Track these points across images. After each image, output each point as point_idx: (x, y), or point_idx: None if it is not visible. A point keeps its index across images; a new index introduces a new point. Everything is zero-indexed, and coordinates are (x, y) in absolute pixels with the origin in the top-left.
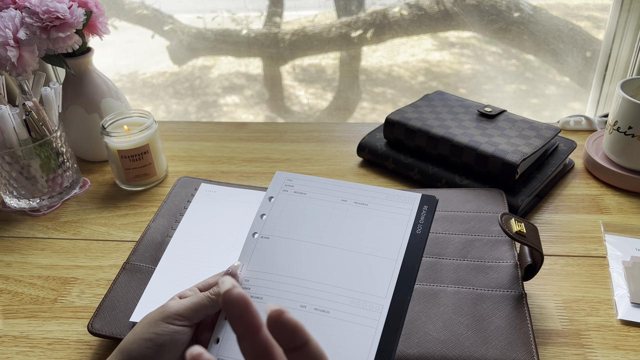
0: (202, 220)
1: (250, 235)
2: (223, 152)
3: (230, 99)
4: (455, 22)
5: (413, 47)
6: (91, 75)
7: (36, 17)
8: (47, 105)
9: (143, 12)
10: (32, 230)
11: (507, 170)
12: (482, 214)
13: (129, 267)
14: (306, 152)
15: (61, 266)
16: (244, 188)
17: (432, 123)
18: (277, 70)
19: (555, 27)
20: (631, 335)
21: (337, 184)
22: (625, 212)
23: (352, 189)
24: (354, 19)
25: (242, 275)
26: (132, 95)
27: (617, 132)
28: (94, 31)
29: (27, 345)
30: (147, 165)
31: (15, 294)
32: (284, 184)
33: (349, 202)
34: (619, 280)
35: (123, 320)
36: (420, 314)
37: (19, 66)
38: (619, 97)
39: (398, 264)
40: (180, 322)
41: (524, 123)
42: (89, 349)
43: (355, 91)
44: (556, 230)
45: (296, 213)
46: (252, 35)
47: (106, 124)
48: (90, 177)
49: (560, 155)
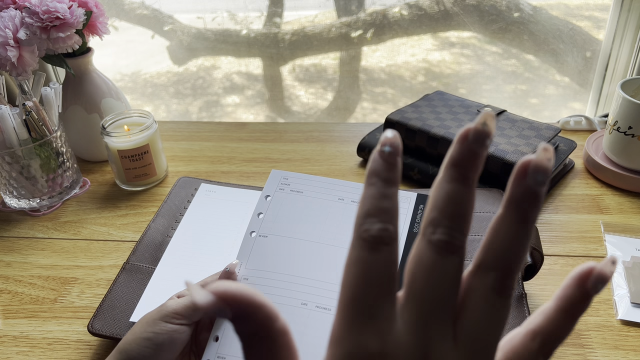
0: (202, 220)
1: (247, 233)
2: (223, 152)
3: (231, 99)
4: (455, 22)
5: (413, 47)
6: (91, 75)
7: (36, 17)
8: (47, 105)
9: (143, 12)
10: (32, 230)
11: (507, 170)
12: (482, 214)
13: (129, 267)
14: (306, 152)
15: (61, 266)
16: (244, 188)
17: (432, 123)
18: (277, 70)
19: (555, 27)
20: (631, 335)
21: (333, 183)
22: (625, 212)
23: (349, 187)
24: (354, 19)
25: (241, 274)
26: (132, 95)
27: (617, 132)
28: (94, 31)
29: (27, 345)
30: (147, 165)
31: (15, 294)
32: (280, 183)
33: (346, 200)
34: (619, 280)
35: (123, 320)
36: None
37: (19, 66)
38: (619, 97)
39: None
40: (179, 321)
41: (524, 123)
42: (89, 349)
43: (356, 91)
44: (556, 230)
45: (293, 211)
46: (252, 35)
47: (106, 124)
48: (90, 177)
49: (560, 155)
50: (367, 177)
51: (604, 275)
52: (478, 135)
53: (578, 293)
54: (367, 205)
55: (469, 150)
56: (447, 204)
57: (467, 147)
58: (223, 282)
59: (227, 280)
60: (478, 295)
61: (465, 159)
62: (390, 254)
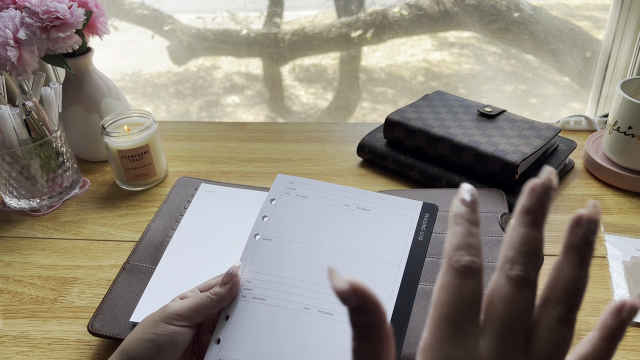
0: (202, 220)
1: (251, 236)
2: (223, 152)
3: (231, 99)
4: (455, 22)
5: (413, 47)
6: (91, 75)
7: (36, 17)
8: (47, 105)
9: (143, 12)
10: (32, 230)
11: (507, 170)
12: (482, 214)
13: (129, 267)
14: (306, 152)
15: (61, 266)
16: (244, 188)
17: (432, 123)
18: (277, 70)
19: (555, 27)
20: (631, 335)
21: (338, 189)
22: (625, 212)
23: (354, 194)
24: (354, 19)
25: (244, 276)
26: (132, 95)
27: (617, 132)
28: (94, 31)
29: (27, 345)
30: (147, 165)
31: (15, 294)
32: (285, 187)
33: (351, 207)
34: (619, 280)
35: (123, 320)
36: (420, 314)
37: (19, 66)
38: (619, 97)
39: (401, 269)
40: (180, 323)
41: (524, 123)
42: (89, 349)
43: (355, 91)
44: (556, 230)
45: (298, 216)
46: (252, 35)
47: (106, 124)
48: (90, 177)
49: (560, 155)
50: (454, 218)
51: (635, 306)
52: (544, 188)
53: (616, 322)
54: (457, 240)
55: (537, 200)
56: (522, 245)
57: (536, 197)
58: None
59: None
60: (546, 324)
61: (534, 207)
62: (477, 282)
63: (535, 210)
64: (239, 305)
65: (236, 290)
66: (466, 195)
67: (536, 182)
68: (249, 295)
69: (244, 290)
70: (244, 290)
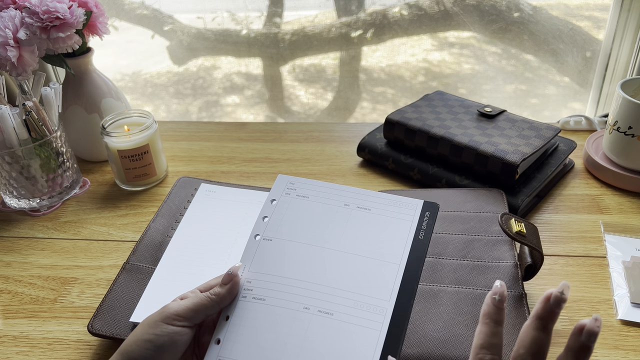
0: (202, 220)
1: (252, 237)
2: (223, 152)
3: (231, 99)
4: (455, 22)
5: (413, 47)
6: (91, 75)
7: (36, 17)
8: (47, 105)
9: (143, 12)
10: (32, 230)
11: (507, 170)
12: (482, 214)
13: (129, 267)
14: (306, 152)
15: (61, 266)
16: (244, 188)
17: (432, 123)
18: (277, 70)
19: (555, 27)
20: (631, 335)
21: (339, 189)
22: (625, 212)
23: (354, 193)
24: (354, 19)
25: (245, 277)
26: (132, 95)
27: (617, 132)
28: (94, 31)
29: (27, 345)
30: (147, 165)
31: (15, 294)
32: (286, 187)
33: (352, 206)
34: (619, 280)
35: (123, 320)
36: (420, 314)
37: (19, 66)
38: (619, 97)
39: (401, 268)
40: (180, 323)
41: (524, 123)
42: (89, 349)
43: (355, 91)
44: (556, 230)
45: (299, 216)
46: (252, 35)
47: (106, 124)
48: (90, 177)
49: (560, 155)
50: (482, 317)
51: (591, 330)
52: (557, 301)
53: (578, 343)
54: (482, 339)
55: (549, 309)
56: (532, 345)
57: (549, 306)
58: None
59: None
60: None
61: (546, 314)
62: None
63: (546, 317)
64: (239, 306)
65: (236, 290)
66: (496, 295)
67: (551, 293)
68: (249, 295)
69: (244, 290)
70: (244, 290)
